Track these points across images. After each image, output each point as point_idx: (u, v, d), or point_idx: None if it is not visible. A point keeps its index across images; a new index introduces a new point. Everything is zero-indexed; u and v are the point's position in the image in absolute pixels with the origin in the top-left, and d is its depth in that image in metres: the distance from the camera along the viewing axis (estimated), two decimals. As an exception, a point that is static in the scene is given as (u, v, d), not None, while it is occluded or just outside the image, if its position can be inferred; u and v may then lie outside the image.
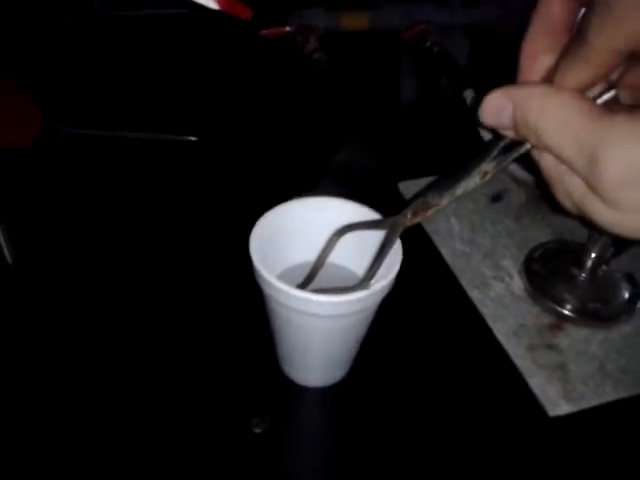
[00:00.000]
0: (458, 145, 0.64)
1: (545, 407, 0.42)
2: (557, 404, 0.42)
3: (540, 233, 0.55)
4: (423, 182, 0.59)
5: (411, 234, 0.36)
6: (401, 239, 0.37)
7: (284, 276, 0.42)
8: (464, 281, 0.51)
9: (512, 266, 0.52)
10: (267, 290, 0.37)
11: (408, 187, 0.59)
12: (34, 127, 0.58)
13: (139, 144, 0.60)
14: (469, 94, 0.60)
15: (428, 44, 0.65)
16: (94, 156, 0.59)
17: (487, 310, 0.48)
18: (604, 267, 0.49)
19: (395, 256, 0.37)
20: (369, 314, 0.38)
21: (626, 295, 0.49)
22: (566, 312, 0.48)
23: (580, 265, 0.49)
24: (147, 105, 0.63)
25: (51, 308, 0.46)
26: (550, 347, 0.46)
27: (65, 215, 0.53)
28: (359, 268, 0.42)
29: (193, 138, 0.61)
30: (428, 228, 0.55)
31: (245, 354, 0.44)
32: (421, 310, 0.48)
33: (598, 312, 0.48)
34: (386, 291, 0.37)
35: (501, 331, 0.47)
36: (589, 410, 0.42)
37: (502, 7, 0.71)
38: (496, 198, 0.58)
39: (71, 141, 0.60)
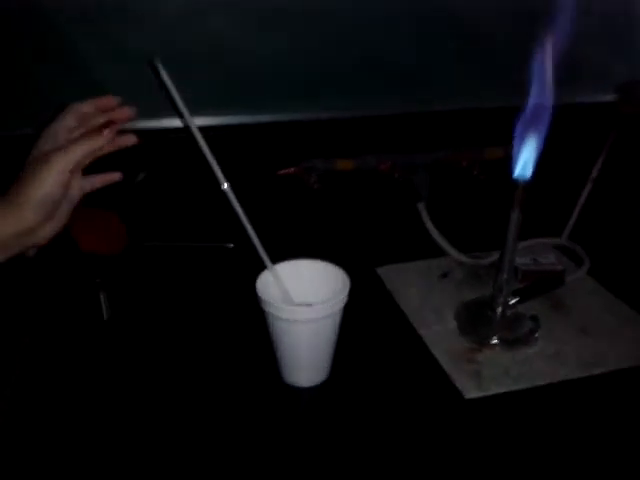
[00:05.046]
0: (420, 241, 0.88)
1: (462, 392, 0.62)
2: (471, 391, 0.62)
3: (473, 295, 0.77)
4: (400, 267, 0.83)
5: (377, 293, 0.58)
6: (368, 297, 0.61)
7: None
8: (415, 323, 0.72)
9: (449, 315, 0.74)
10: (267, 309, 0.60)
11: (385, 271, 0.83)
12: (122, 240, 0.85)
13: (193, 251, 0.87)
14: (421, 207, 0.85)
15: (396, 175, 0.92)
16: (161, 260, 0.86)
17: (429, 340, 0.70)
18: (511, 310, 0.71)
19: (344, 282, 0.61)
20: (334, 320, 0.61)
21: (529, 328, 0.70)
22: (483, 340, 0.68)
23: (493, 310, 0.71)
24: (198, 220, 0.90)
25: (136, 353, 0.70)
26: (470, 360, 0.67)
27: (143, 297, 0.79)
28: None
29: (231, 245, 0.87)
30: (390, 287, 0.77)
31: (252, 368, 0.66)
32: (382, 341, 0.70)
33: (507, 339, 0.69)
34: (341, 304, 0.59)
35: (437, 351, 0.68)
36: (495, 396, 0.62)
37: (454, 148, 0.98)
38: (444, 275, 0.81)
39: (146, 249, 0.86)
